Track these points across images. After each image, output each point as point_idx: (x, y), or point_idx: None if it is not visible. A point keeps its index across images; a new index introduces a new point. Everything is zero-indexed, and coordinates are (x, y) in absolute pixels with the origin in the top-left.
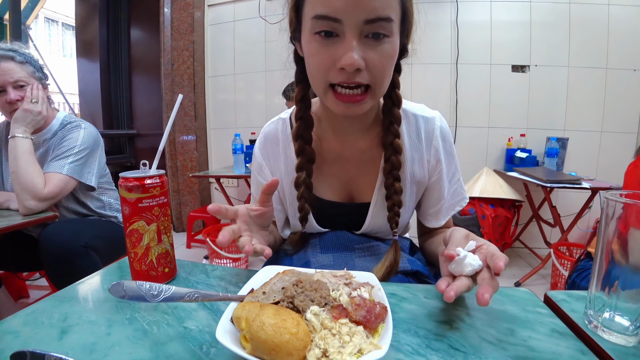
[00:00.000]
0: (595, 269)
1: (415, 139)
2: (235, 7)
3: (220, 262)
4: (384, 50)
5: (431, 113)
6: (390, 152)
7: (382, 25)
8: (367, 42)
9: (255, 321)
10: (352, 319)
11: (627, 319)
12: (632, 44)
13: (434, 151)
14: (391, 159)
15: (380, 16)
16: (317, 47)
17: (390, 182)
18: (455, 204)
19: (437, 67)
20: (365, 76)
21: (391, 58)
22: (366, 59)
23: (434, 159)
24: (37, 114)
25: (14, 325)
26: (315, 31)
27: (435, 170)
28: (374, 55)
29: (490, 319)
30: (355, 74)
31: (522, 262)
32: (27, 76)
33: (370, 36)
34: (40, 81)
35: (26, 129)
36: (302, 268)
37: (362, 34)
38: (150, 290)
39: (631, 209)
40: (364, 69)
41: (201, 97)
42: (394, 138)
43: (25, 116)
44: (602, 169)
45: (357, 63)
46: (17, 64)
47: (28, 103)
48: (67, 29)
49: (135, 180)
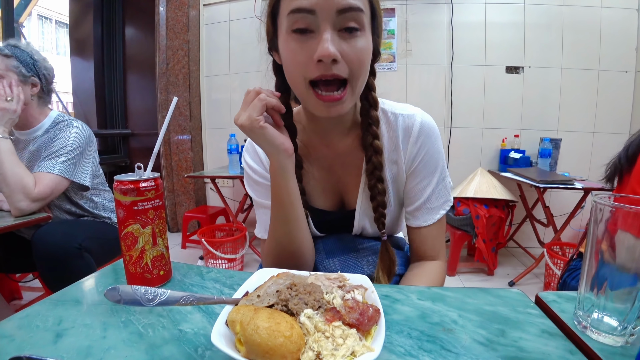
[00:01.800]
0: (584, 270)
1: (395, 139)
2: (230, 6)
3: (215, 262)
4: (358, 44)
5: (412, 110)
6: (370, 153)
7: (353, 16)
8: (342, 35)
9: (249, 324)
10: (345, 321)
11: (615, 319)
12: (624, 46)
13: (410, 147)
14: (372, 159)
15: (351, 5)
16: (294, 45)
17: (373, 183)
18: (439, 206)
19: (432, 67)
20: (342, 68)
21: (366, 52)
22: (342, 51)
23: (409, 155)
24: (12, 112)
25: (8, 329)
26: (292, 29)
27: (411, 167)
28: (349, 48)
29: (481, 320)
30: (332, 66)
31: (515, 261)
32: (3, 69)
33: (343, 30)
34: (23, 77)
35: (4, 129)
36: (296, 271)
37: (336, 27)
38: (145, 295)
39: (618, 212)
40: (340, 60)
41: (196, 96)
42: (373, 139)
43: (2, 115)
44: (594, 169)
45: (332, 53)
46: (1, 56)
47: (3, 101)
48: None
49: (130, 183)
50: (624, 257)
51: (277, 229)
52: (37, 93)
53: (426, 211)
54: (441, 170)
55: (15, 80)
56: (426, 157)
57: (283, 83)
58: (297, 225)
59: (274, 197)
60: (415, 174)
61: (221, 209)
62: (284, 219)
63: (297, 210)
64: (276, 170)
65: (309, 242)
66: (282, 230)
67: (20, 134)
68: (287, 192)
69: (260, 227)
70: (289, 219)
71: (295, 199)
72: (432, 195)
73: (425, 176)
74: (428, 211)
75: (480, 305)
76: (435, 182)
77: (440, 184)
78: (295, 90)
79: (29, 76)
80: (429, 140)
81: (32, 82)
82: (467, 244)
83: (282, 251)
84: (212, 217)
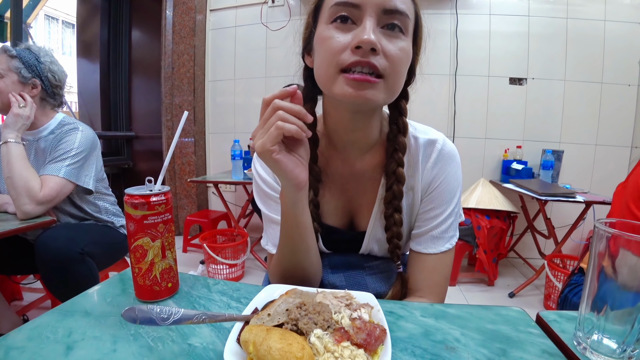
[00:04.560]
0: (585, 291)
1: (414, 163)
2: (237, 12)
3: (216, 267)
4: (399, 44)
5: (435, 135)
6: (392, 181)
7: (399, 18)
8: (384, 32)
9: (262, 345)
10: (353, 341)
11: (615, 341)
12: (627, 59)
13: (427, 172)
14: (393, 188)
15: (398, 8)
16: (333, 33)
17: (390, 212)
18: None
19: (436, 77)
20: (380, 61)
21: (406, 54)
22: (382, 45)
23: (425, 180)
24: (26, 118)
25: (18, 340)
26: (333, 18)
27: (426, 192)
28: (390, 45)
29: (483, 339)
30: (370, 54)
31: (516, 272)
32: (5, 69)
33: (386, 27)
34: (23, 79)
35: (18, 134)
36: (304, 287)
37: (379, 23)
38: (160, 314)
39: (619, 239)
40: (380, 52)
41: (200, 101)
42: (397, 167)
43: (16, 121)
44: (596, 181)
45: (373, 41)
46: (7, 57)
47: (17, 107)
48: (67, 26)
49: (140, 197)
50: (625, 276)
51: (285, 255)
52: (37, 95)
53: (430, 239)
54: (456, 202)
55: (13, 81)
56: (443, 185)
57: (311, 90)
58: (307, 256)
59: (283, 226)
60: (429, 200)
61: (223, 214)
62: (292, 249)
63: (308, 241)
64: (287, 202)
65: (317, 266)
66: (290, 260)
67: (27, 134)
68: (296, 224)
69: (268, 241)
70: (298, 250)
71: (305, 231)
72: (442, 225)
73: (438, 205)
74: (432, 239)
75: (483, 324)
76: (448, 213)
77: (452, 216)
78: (322, 79)
79: (30, 78)
80: (448, 167)
81: (33, 83)
82: (467, 254)
83: (288, 275)
84: (213, 222)
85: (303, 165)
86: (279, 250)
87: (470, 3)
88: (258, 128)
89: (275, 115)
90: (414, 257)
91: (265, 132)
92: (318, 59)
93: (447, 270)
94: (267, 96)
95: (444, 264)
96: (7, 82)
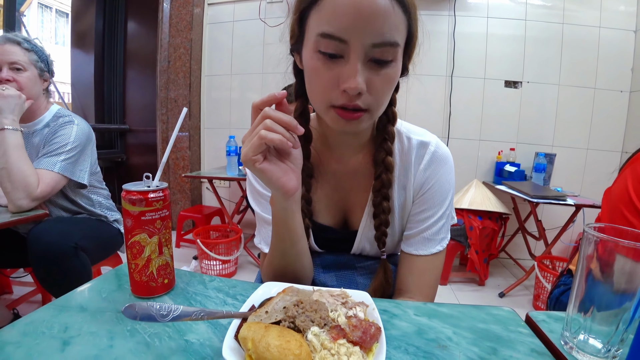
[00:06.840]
0: (573, 293)
1: (407, 163)
2: (235, 7)
3: (209, 263)
4: (387, 75)
5: (428, 137)
6: (381, 170)
7: (388, 50)
8: (371, 65)
9: (261, 342)
10: (349, 339)
11: (600, 341)
12: (620, 66)
13: (420, 174)
14: (382, 176)
15: (387, 40)
16: (320, 67)
17: (378, 200)
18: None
19: (432, 78)
20: (365, 100)
21: (393, 82)
22: (368, 82)
23: (418, 182)
24: (17, 97)
25: (14, 336)
26: (319, 50)
27: (418, 194)
28: (377, 79)
29: (475, 338)
30: (356, 97)
31: (506, 272)
32: (27, 62)
33: (373, 61)
34: (41, 72)
35: (14, 118)
36: (301, 285)
37: (367, 57)
38: (160, 311)
39: (606, 244)
40: (365, 92)
41: (196, 95)
42: (385, 155)
43: (8, 102)
44: (586, 185)
45: (360, 87)
46: (22, 49)
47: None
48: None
49: (138, 194)
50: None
51: (276, 257)
52: (46, 88)
53: (421, 240)
54: (448, 204)
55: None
56: (435, 187)
57: (302, 86)
58: (298, 259)
59: (274, 230)
60: (421, 202)
61: (217, 209)
62: (283, 252)
63: (299, 246)
64: (277, 208)
65: (308, 268)
66: (280, 262)
67: (21, 126)
68: (287, 230)
69: (261, 240)
70: (288, 254)
71: (296, 236)
72: (433, 227)
73: (430, 207)
74: (423, 241)
75: (474, 323)
76: (439, 215)
77: (443, 219)
78: (315, 105)
79: (45, 71)
80: (441, 170)
81: (45, 77)
82: (459, 254)
83: (280, 275)
84: (207, 217)
85: (293, 172)
86: (271, 251)
87: (468, 5)
88: (247, 134)
89: (262, 124)
90: (404, 258)
91: (251, 140)
92: (308, 84)
93: (437, 272)
94: (256, 101)
95: (435, 266)
96: (30, 77)
